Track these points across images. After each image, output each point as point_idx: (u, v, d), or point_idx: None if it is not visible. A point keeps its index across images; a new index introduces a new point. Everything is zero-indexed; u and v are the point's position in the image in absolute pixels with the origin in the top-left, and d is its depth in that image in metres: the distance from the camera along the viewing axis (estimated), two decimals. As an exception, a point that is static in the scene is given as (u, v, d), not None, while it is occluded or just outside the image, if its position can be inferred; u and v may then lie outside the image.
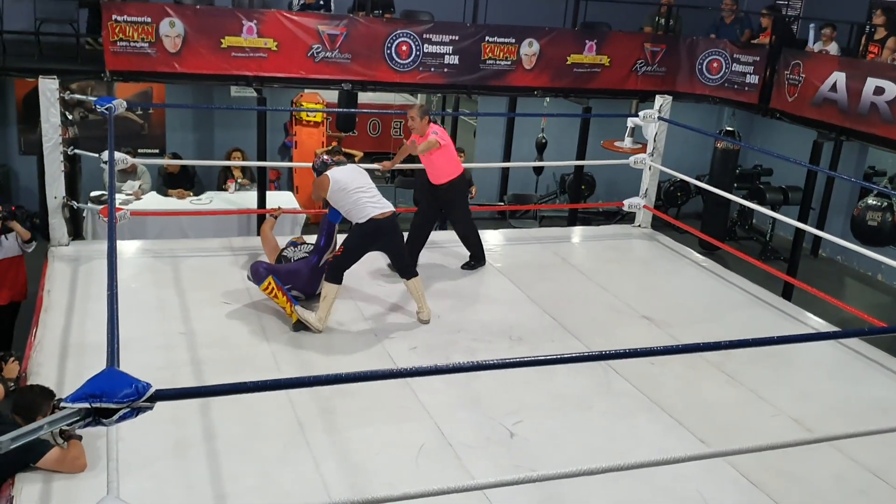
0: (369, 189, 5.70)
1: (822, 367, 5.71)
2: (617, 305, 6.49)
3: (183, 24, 9.26)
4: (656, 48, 11.28)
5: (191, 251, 6.86)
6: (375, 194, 5.71)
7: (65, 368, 4.79)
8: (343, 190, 5.63)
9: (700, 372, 5.38)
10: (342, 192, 5.64)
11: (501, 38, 10.48)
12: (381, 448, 4.30)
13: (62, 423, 2.09)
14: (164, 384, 2.27)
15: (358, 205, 5.63)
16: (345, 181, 5.65)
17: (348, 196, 5.63)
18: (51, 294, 5.81)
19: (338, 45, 9.84)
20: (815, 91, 9.85)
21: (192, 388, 2.59)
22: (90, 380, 2.17)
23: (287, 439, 4.28)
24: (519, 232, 9.19)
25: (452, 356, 5.36)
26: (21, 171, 10.99)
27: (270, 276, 5.60)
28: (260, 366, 5.05)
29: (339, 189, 5.63)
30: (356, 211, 5.64)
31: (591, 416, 4.82)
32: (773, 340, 3.09)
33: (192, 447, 4.14)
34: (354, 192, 5.63)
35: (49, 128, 6.39)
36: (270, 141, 10.69)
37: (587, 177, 12.81)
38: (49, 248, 6.62)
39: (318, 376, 2.39)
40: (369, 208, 5.61)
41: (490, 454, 4.32)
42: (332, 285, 5.58)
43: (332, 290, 5.58)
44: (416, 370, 2.60)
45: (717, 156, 11.53)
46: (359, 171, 5.84)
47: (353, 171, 5.80)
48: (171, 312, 5.70)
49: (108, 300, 2.87)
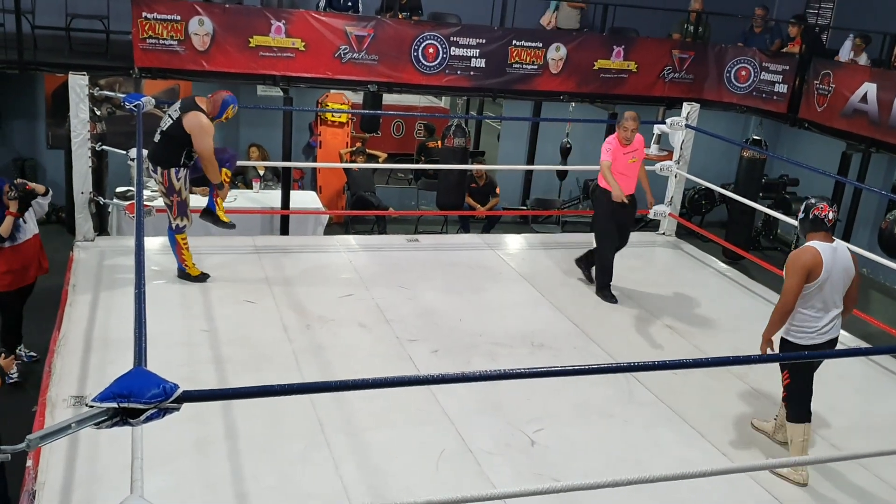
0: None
1: (848, 381, 5.64)
2: (639, 313, 6.45)
3: (212, 22, 9.31)
4: (684, 55, 11.21)
5: (214, 249, 6.88)
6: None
7: (88, 364, 4.82)
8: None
9: (723, 383, 5.33)
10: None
11: (528, 41, 10.46)
12: (401, 451, 4.29)
13: (90, 423, 2.09)
14: (184, 381, 2.26)
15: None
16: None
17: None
18: (76, 289, 5.85)
19: (365, 46, 9.85)
20: (844, 102, 9.75)
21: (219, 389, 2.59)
22: (118, 379, 2.16)
23: (307, 440, 4.27)
24: (541, 237, 9.14)
25: (473, 360, 5.35)
26: (48, 166, 11.10)
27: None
28: (281, 365, 5.05)
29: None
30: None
31: (613, 425, 4.78)
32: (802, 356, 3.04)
33: (212, 445, 4.15)
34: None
35: (77, 123, 6.44)
36: (295, 140, 10.71)
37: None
38: (74, 243, 6.67)
39: (343, 381, 2.37)
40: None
41: (510, 461, 4.30)
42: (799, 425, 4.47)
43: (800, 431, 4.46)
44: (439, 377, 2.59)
45: (744, 165, 11.43)
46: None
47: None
48: (193, 310, 5.72)
49: (135, 298, 2.88)
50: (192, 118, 5.78)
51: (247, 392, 2.47)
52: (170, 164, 5.90)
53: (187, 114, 5.79)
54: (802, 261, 4.28)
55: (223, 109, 5.92)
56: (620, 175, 6.55)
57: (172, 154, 5.89)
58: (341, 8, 10.41)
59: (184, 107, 5.88)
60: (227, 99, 5.95)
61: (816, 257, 4.28)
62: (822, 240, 4.37)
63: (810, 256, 4.29)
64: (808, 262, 4.28)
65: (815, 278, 4.28)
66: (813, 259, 4.28)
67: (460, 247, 7.74)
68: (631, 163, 6.62)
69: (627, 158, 6.59)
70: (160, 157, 5.91)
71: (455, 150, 10.71)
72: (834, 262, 4.33)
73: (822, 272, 4.27)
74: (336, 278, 6.62)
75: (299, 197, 10.19)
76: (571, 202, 13.45)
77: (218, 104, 5.91)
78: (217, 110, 5.91)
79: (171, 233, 6.09)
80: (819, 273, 4.27)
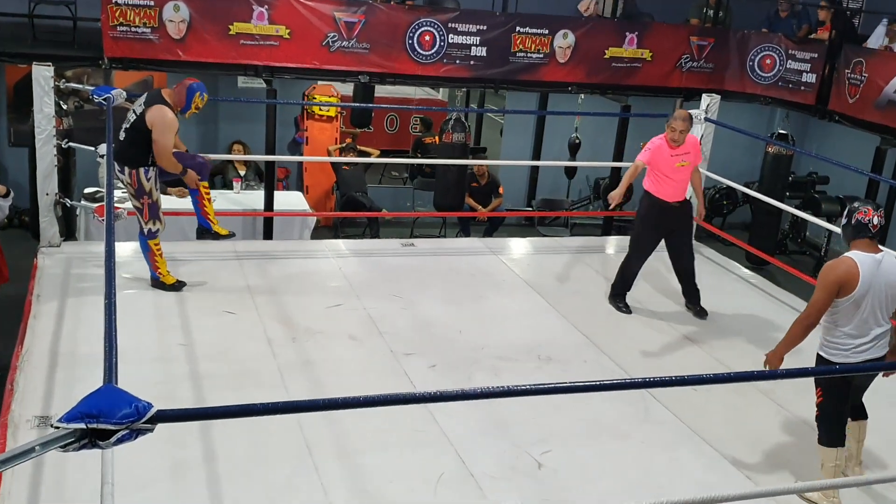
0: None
1: (882, 394, 5.61)
2: (655, 324, 6.46)
3: (188, 8, 9.31)
4: (703, 42, 11.21)
5: (191, 255, 6.89)
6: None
7: (54, 381, 4.82)
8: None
9: (747, 399, 5.34)
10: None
11: (534, 28, 10.45)
12: (396, 476, 4.29)
13: (56, 446, 2.08)
14: (162, 400, 2.26)
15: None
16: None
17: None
18: (40, 299, 5.85)
19: (355, 34, 9.86)
20: (879, 92, 9.76)
21: (197, 409, 2.59)
22: (86, 398, 2.16)
23: (294, 464, 4.27)
24: (548, 241, 9.17)
25: (475, 375, 5.36)
26: (10, 165, 11.08)
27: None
28: (265, 382, 5.05)
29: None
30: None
31: (628, 446, 4.79)
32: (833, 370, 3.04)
33: (191, 470, 4.15)
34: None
35: (42, 118, 6.44)
36: (280, 136, 10.72)
37: (624, 181, 12.74)
38: (39, 249, 6.67)
39: (333, 400, 2.37)
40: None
41: (516, 486, 4.30)
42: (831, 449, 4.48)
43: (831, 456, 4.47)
44: (438, 395, 2.58)
45: (769, 161, 11.43)
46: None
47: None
48: (169, 322, 5.72)
49: (105, 309, 2.88)
50: (154, 112, 5.79)
51: (227, 411, 2.46)
52: (137, 163, 5.90)
53: (150, 108, 5.80)
54: (836, 273, 4.23)
55: (189, 99, 5.90)
56: (666, 179, 6.51)
57: (139, 152, 5.90)
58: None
59: (148, 101, 5.89)
60: (191, 87, 5.92)
61: (852, 269, 4.21)
62: (865, 248, 4.29)
63: (845, 269, 4.22)
64: (841, 276, 4.22)
65: (850, 293, 4.21)
66: (847, 272, 4.21)
67: (460, 251, 7.75)
68: (679, 166, 6.54)
69: (675, 161, 6.52)
70: (127, 156, 5.91)
71: (454, 146, 10.71)
72: (876, 274, 4.25)
73: (857, 286, 4.20)
74: (324, 286, 6.62)
75: (284, 198, 10.20)
76: (581, 203, 13.46)
77: (183, 95, 5.89)
78: (183, 101, 5.89)
79: (143, 238, 6.09)
80: (854, 287, 4.20)
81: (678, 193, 6.60)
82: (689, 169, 6.62)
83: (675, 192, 6.58)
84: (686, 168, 6.59)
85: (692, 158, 6.62)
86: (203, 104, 6.00)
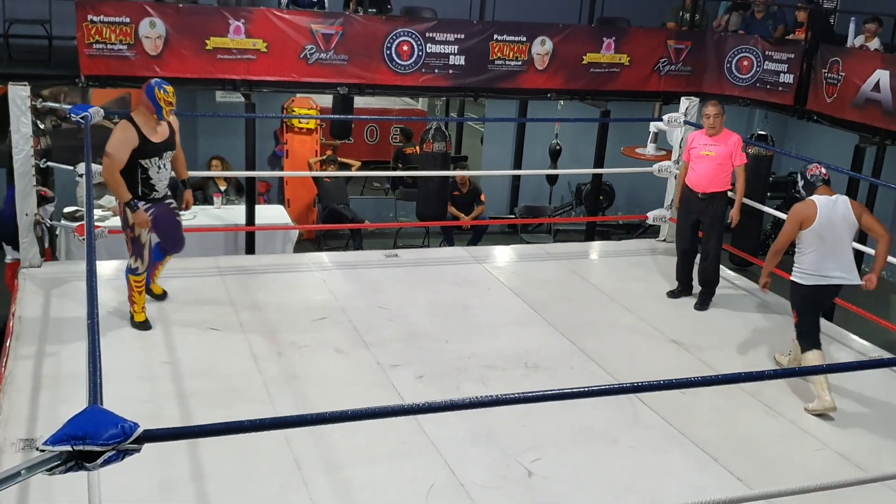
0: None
1: (871, 395, 5.67)
2: (641, 328, 6.47)
3: (164, 24, 9.30)
4: (680, 45, 11.30)
5: (174, 272, 6.84)
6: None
7: (38, 403, 4.78)
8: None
9: (736, 402, 5.35)
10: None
11: (511, 36, 10.51)
12: (386, 488, 4.28)
13: (42, 469, 2.07)
14: (148, 419, 2.25)
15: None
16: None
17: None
18: (21, 321, 5.80)
19: (333, 46, 9.88)
20: (856, 91, 9.85)
21: (184, 427, 2.58)
22: (71, 419, 2.15)
23: (284, 479, 4.26)
24: (532, 248, 9.18)
25: (462, 385, 5.35)
26: (-13, 185, 11.01)
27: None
28: (252, 398, 5.03)
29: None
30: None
31: (617, 451, 4.79)
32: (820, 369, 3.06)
33: (180, 488, 4.12)
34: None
35: (19, 138, 6.40)
36: (259, 150, 10.71)
37: (606, 186, 12.82)
38: (19, 270, 6.62)
39: (321, 414, 2.37)
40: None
41: (507, 495, 4.30)
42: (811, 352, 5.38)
43: (813, 358, 5.33)
44: (426, 406, 2.58)
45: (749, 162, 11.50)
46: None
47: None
48: (153, 340, 5.69)
49: (88, 329, 2.86)
50: (113, 131, 5.61)
51: (214, 429, 2.45)
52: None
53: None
54: (799, 210, 5.38)
55: (152, 98, 5.57)
56: (691, 165, 6.78)
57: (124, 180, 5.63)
58: (305, 5, 10.43)
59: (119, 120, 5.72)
60: (148, 86, 5.63)
61: (810, 207, 5.36)
62: (823, 193, 5.40)
63: (804, 206, 5.38)
64: (801, 212, 5.37)
65: (810, 225, 5.31)
66: (807, 208, 5.36)
67: (444, 261, 7.75)
68: (704, 154, 6.70)
69: (702, 149, 6.71)
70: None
71: (435, 155, 10.74)
72: (833, 211, 5.34)
73: (815, 220, 5.30)
74: (309, 300, 6.60)
75: (265, 212, 10.17)
76: (563, 209, 13.51)
77: (146, 100, 5.60)
78: (151, 106, 5.59)
79: (126, 271, 5.83)
80: (813, 220, 5.31)
81: (702, 183, 6.75)
82: (714, 160, 6.71)
83: (699, 180, 6.76)
84: (710, 158, 6.72)
85: (723, 152, 6.72)
86: (171, 97, 5.63)
